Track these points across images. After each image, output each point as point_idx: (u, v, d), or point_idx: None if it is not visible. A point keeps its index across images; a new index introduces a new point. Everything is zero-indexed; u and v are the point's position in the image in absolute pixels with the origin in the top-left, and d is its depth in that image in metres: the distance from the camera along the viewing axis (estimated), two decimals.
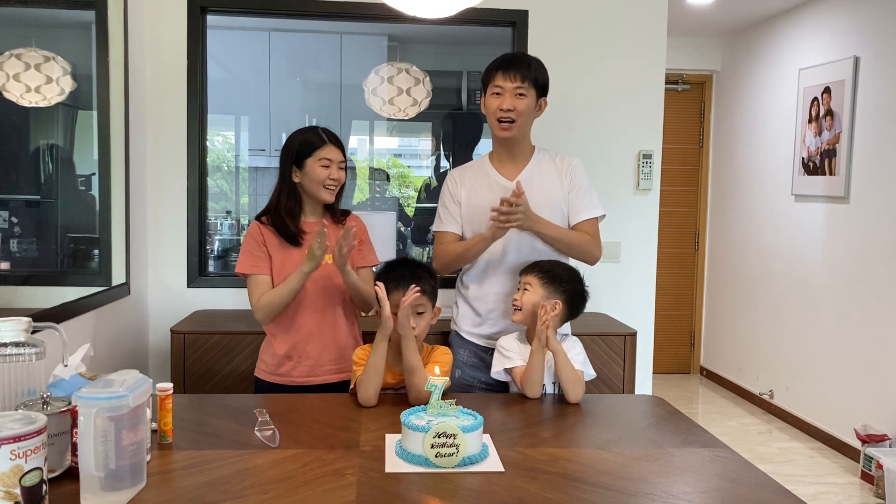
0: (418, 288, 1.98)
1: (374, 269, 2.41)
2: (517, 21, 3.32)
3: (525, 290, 2.15)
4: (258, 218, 2.32)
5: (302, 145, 2.26)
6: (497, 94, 2.28)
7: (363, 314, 2.69)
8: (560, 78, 3.33)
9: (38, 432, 1.27)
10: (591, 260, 2.39)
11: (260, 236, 2.27)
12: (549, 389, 2.14)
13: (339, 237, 2.14)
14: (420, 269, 2.10)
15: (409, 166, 5.57)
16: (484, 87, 2.35)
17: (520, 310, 2.14)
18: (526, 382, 2.06)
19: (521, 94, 2.26)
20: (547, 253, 2.31)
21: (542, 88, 2.31)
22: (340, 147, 2.29)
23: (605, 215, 2.41)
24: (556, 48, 3.36)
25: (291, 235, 2.26)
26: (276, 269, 2.26)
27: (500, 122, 2.29)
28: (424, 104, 3.78)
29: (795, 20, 4.81)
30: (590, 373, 2.15)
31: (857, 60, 4.15)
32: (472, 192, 2.37)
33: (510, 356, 2.14)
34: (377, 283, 2.04)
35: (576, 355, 2.13)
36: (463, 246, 2.34)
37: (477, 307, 2.38)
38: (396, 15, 2.06)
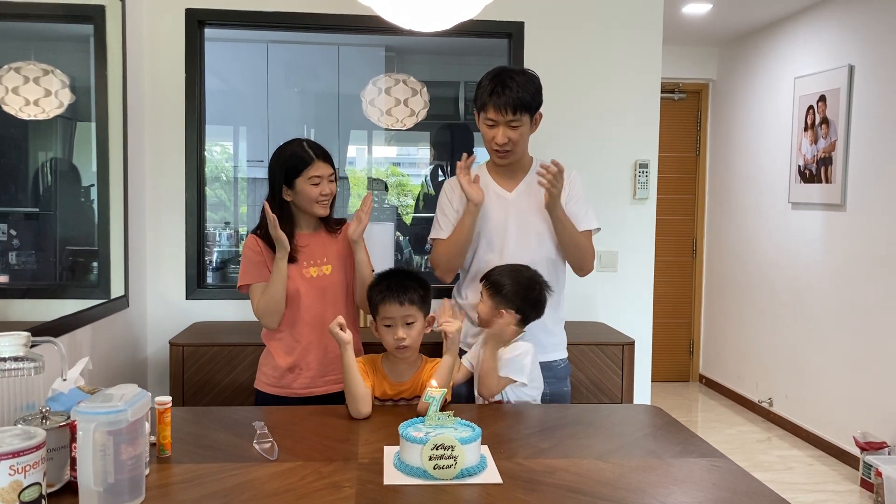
0: (464, 312, 2.11)
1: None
2: (513, 33, 3.34)
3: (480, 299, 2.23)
4: (254, 231, 2.32)
5: (290, 165, 2.23)
6: (491, 126, 2.27)
7: (361, 325, 2.70)
8: (556, 88, 3.35)
9: (37, 447, 1.28)
10: (585, 269, 2.40)
11: (257, 247, 2.28)
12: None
13: (358, 210, 2.26)
14: (409, 280, 2.10)
15: (407, 175, 5.58)
16: (475, 107, 2.33)
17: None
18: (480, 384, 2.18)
19: (515, 126, 2.24)
20: (537, 262, 2.32)
21: (536, 106, 2.28)
22: (329, 160, 2.26)
23: (599, 229, 2.42)
24: (551, 59, 3.37)
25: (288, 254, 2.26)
26: None
27: (496, 151, 2.29)
28: (422, 114, 3.80)
29: (790, 29, 4.84)
30: (520, 379, 2.14)
31: (851, 69, 4.18)
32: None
33: (466, 355, 2.29)
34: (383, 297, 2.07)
35: (517, 356, 2.14)
36: (453, 234, 2.34)
37: (473, 317, 2.38)
38: (393, 28, 2.07)
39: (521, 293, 2.17)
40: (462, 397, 2.29)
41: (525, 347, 2.16)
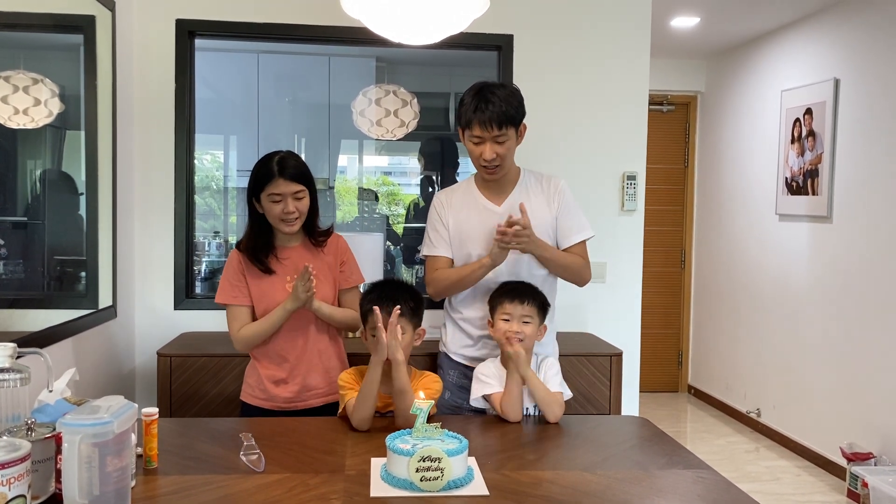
0: (399, 309, 1.98)
1: (360, 287, 2.41)
2: (502, 45, 3.36)
3: (526, 322, 2.12)
4: (238, 245, 2.32)
5: (254, 180, 2.20)
6: (477, 143, 2.25)
7: (350, 335, 2.70)
8: (544, 100, 3.38)
9: (22, 459, 1.28)
10: (582, 282, 2.40)
11: (240, 265, 2.27)
12: (532, 411, 2.15)
13: (296, 280, 2.13)
14: (399, 291, 2.09)
15: (398, 184, 5.60)
16: (459, 123, 2.30)
17: (522, 341, 2.11)
18: (506, 406, 2.07)
19: (501, 141, 2.22)
20: (534, 276, 2.32)
21: (520, 118, 2.27)
22: (295, 177, 2.17)
23: (593, 235, 2.43)
24: (540, 71, 3.40)
25: (266, 269, 2.25)
26: (256, 298, 2.26)
27: (485, 167, 2.28)
28: (412, 125, 3.81)
29: (777, 42, 4.89)
30: (567, 392, 2.17)
31: (837, 82, 4.23)
32: (459, 217, 2.37)
33: (489, 381, 2.15)
34: (374, 307, 2.01)
35: (552, 376, 2.15)
36: (461, 273, 2.30)
37: (468, 330, 2.37)
38: (383, 40, 2.08)
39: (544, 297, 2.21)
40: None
41: (553, 360, 2.19)
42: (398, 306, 1.98)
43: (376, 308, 2.00)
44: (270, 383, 2.28)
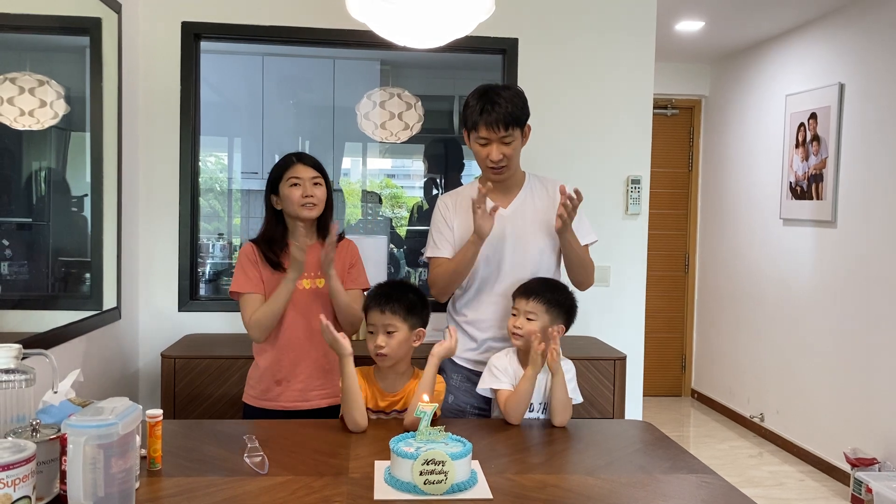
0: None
1: (364, 292, 2.41)
2: (507, 49, 3.37)
3: (529, 318, 2.12)
4: (253, 239, 2.34)
5: (274, 172, 2.31)
6: (484, 144, 2.25)
7: (352, 337, 2.69)
8: (549, 104, 3.38)
9: (27, 460, 1.28)
10: (588, 284, 2.40)
11: (254, 255, 2.29)
12: (538, 413, 2.15)
13: (326, 242, 2.20)
14: (398, 290, 2.09)
15: (402, 187, 5.61)
16: (465, 124, 2.31)
17: (522, 337, 2.11)
18: (510, 405, 2.06)
19: (507, 142, 2.23)
20: (537, 275, 2.32)
21: (525, 119, 2.27)
22: (312, 164, 2.30)
23: (597, 240, 2.43)
24: (545, 75, 3.40)
25: (277, 263, 2.28)
26: (269, 291, 2.27)
27: (492, 168, 2.28)
28: (416, 128, 3.82)
29: (782, 47, 4.89)
30: (577, 398, 2.17)
31: (842, 87, 4.22)
32: (465, 220, 2.36)
33: (499, 377, 2.14)
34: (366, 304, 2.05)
35: (567, 381, 2.14)
36: (454, 259, 2.30)
37: (473, 333, 2.37)
38: (388, 43, 2.08)
39: (569, 298, 2.18)
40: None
41: (571, 365, 2.16)
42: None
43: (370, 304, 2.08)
44: (273, 384, 2.28)
